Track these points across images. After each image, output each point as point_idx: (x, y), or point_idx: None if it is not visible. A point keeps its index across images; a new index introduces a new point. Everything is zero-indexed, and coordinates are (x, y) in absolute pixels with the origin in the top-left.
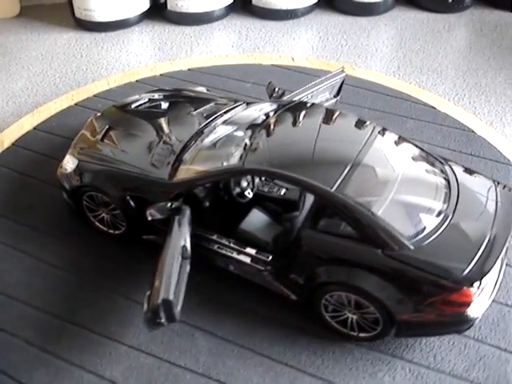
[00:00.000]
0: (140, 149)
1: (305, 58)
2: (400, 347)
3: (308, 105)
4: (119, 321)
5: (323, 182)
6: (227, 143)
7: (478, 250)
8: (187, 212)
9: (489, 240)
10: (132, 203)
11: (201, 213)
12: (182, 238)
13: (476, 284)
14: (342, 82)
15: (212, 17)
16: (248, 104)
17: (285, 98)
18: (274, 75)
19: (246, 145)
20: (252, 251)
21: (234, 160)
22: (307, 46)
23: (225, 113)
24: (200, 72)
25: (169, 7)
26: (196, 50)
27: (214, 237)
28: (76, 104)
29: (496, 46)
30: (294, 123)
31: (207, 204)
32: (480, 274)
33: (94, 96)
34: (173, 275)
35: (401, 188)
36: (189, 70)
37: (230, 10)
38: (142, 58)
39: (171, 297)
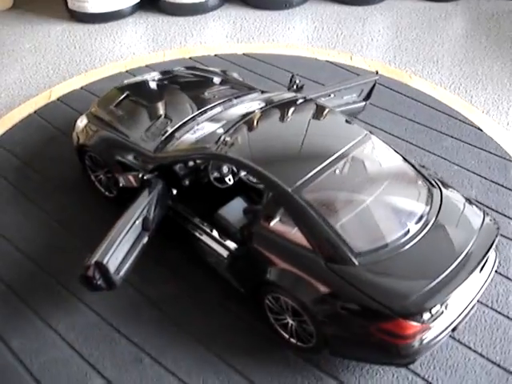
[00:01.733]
0: (142, 120)
1: (363, 59)
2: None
3: (300, 101)
4: None
5: (284, 179)
6: (211, 129)
7: (433, 280)
8: (159, 186)
9: (451, 273)
10: (120, 169)
11: (188, 193)
12: (144, 208)
13: (417, 318)
14: (373, 86)
15: (206, 7)
16: (263, 93)
17: (303, 92)
18: (324, 72)
19: (225, 133)
20: (218, 237)
21: (208, 145)
22: (302, 35)
23: (229, 100)
24: (253, 58)
25: None
26: (190, 41)
27: (191, 217)
28: (127, 71)
29: (493, 35)
30: (281, 119)
31: (193, 185)
32: (424, 307)
33: (146, 66)
34: (118, 241)
35: (373, 203)
36: (244, 54)
37: (224, 0)
38: (135, 48)
39: (105, 260)
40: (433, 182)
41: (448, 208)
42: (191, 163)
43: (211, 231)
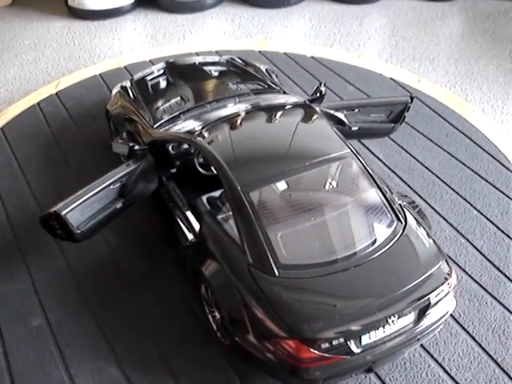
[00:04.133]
0: (162, 98)
1: (432, 84)
2: None
3: (291, 106)
4: None
5: (239, 176)
6: (210, 118)
7: (346, 313)
8: (147, 160)
9: (369, 310)
10: (130, 138)
11: (184, 175)
12: (124, 176)
13: (314, 344)
14: (405, 109)
15: (204, 5)
16: (284, 93)
17: (325, 103)
18: (384, 89)
19: (210, 123)
20: (192, 221)
21: (191, 131)
22: (300, 33)
23: (246, 95)
24: (320, 63)
25: None
26: (189, 38)
27: (177, 197)
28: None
29: (488, 34)
30: (267, 120)
31: (189, 168)
32: (321, 336)
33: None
34: (85, 198)
35: (320, 223)
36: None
37: None
38: (134, 45)
39: (63, 212)
40: (400, 216)
41: (402, 245)
42: (185, 146)
43: (188, 215)
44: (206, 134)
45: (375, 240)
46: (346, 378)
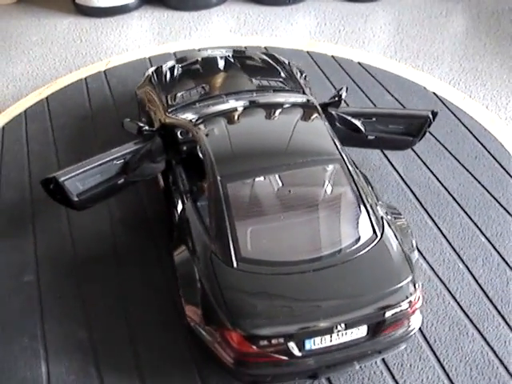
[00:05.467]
0: (184, 86)
1: (476, 104)
2: None
3: (290, 105)
4: None
5: (221, 166)
6: (215, 107)
7: (290, 314)
8: (155, 142)
9: (313, 316)
10: (148, 120)
11: (189, 161)
12: (129, 154)
13: (252, 339)
14: (425, 124)
15: (210, 2)
16: (304, 93)
17: (344, 108)
18: (418, 100)
19: (210, 114)
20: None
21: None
22: (305, 31)
23: (265, 91)
24: (339, 63)
25: None
26: (194, 35)
27: (180, 180)
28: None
29: (492, 32)
30: (266, 116)
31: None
32: (259, 332)
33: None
34: (86, 169)
35: (291, 223)
36: (332, 56)
37: None
38: (140, 42)
39: (62, 179)
40: (375, 228)
41: (368, 258)
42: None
43: (187, 198)
44: (205, 124)
45: (341, 249)
46: (290, 380)
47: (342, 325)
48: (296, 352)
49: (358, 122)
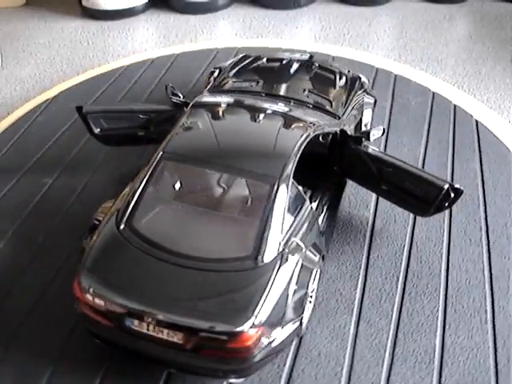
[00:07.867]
0: (240, 78)
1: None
2: None
3: (271, 112)
4: None
5: (172, 142)
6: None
7: (129, 290)
8: (180, 111)
9: (148, 302)
10: None
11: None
12: (152, 112)
13: (85, 289)
14: (438, 196)
15: (216, 6)
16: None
17: (366, 148)
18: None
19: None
20: None
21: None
22: (310, 34)
23: (299, 102)
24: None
25: None
26: (200, 39)
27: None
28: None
29: (495, 36)
30: (251, 118)
31: None
32: (95, 288)
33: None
34: (110, 111)
35: (191, 218)
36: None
37: None
38: (147, 45)
39: (86, 110)
40: (261, 257)
41: (234, 280)
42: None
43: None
44: (205, 109)
45: (216, 259)
46: (117, 349)
47: (153, 319)
48: (115, 322)
49: (373, 166)
